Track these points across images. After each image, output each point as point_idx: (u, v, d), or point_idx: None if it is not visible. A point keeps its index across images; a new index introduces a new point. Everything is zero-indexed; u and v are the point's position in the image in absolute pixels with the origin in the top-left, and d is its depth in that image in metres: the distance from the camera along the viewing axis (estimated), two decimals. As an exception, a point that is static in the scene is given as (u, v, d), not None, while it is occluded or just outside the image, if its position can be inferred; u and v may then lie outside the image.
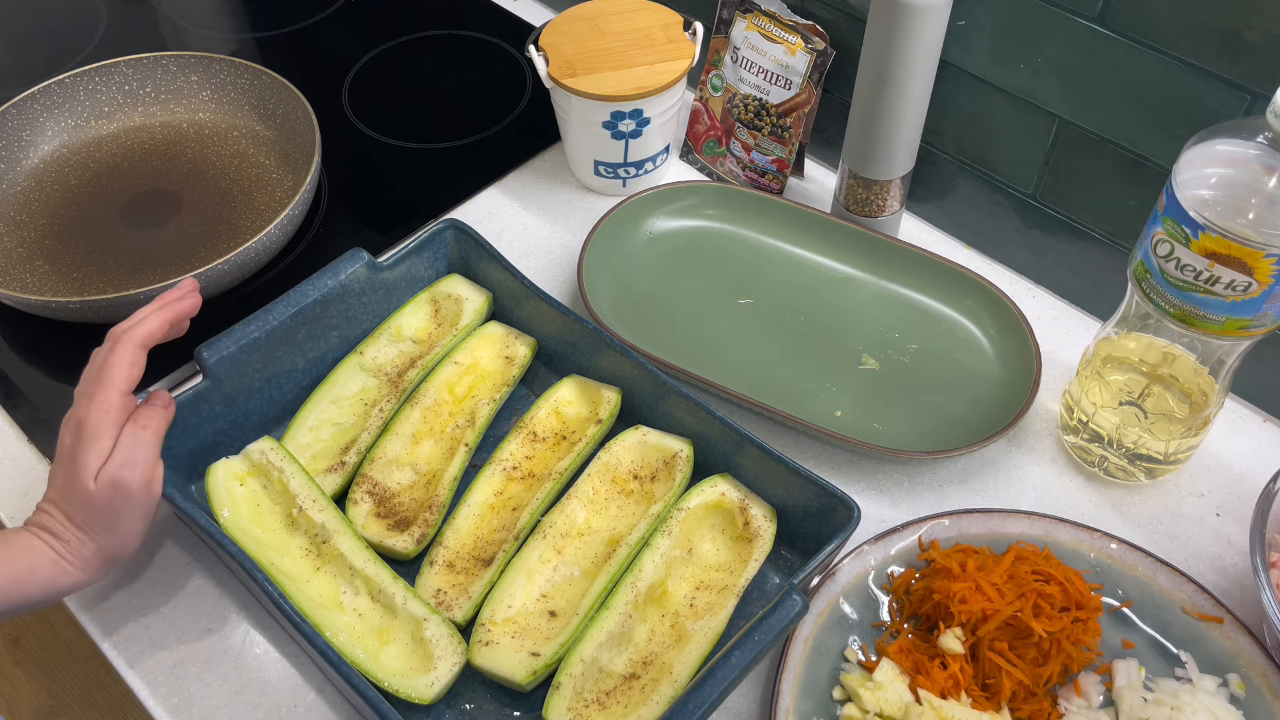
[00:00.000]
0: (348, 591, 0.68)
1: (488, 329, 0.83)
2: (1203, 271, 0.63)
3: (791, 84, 0.90)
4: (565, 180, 0.99)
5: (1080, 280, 0.87)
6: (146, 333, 0.66)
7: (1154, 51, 0.72)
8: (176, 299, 0.69)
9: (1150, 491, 0.78)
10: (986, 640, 0.66)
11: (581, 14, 0.95)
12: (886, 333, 0.86)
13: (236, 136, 1.00)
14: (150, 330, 0.67)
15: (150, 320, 0.67)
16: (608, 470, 0.75)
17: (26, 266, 0.90)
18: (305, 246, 0.93)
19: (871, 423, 0.80)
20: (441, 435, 0.78)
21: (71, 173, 0.97)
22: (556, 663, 0.66)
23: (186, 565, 0.74)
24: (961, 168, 0.89)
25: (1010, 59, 0.80)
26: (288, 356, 0.78)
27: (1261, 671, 0.66)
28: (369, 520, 0.73)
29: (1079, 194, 0.83)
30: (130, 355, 0.65)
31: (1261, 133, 0.61)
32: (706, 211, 0.93)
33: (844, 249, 0.90)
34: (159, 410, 0.67)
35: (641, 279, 0.89)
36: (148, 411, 0.67)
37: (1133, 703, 0.65)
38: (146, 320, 0.67)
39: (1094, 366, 0.77)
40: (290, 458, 0.73)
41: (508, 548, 0.71)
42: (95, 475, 0.63)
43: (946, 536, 0.73)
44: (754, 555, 0.71)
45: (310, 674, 0.69)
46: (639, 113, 0.90)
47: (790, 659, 0.67)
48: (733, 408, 0.81)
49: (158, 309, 0.68)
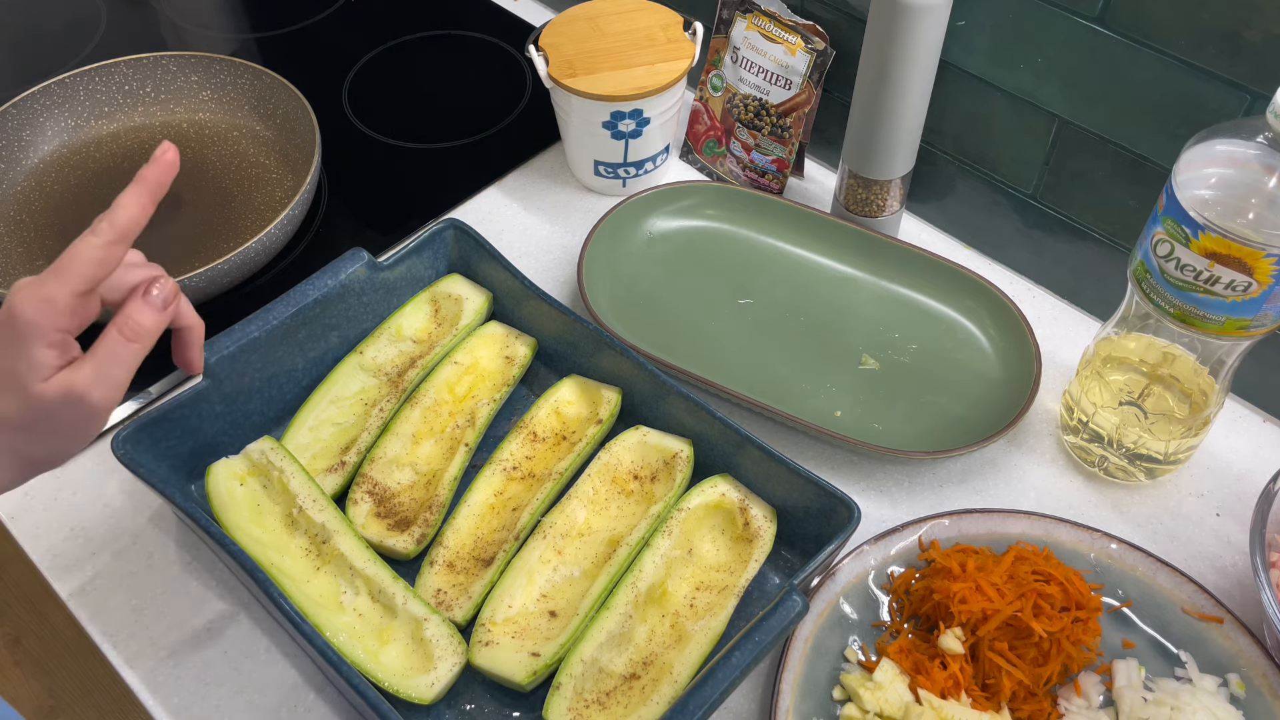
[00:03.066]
0: (348, 591, 0.68)
1: (488, 329, 0.83)
2: (1203, 271, 0.63)
3: (791, 84, 0.90)
4: (565, 180, 1.00)
5: (1080, 280, 0.88)
6: (125, 221, 0.53)
7: (1154, 51, 0.72)
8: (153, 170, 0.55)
9: (1150, 491, 0.78)
10: (986, 640, 0.66)
11: (581, 14, 0.95)
12: (886, 333, 0.86)
13: (236, 136, 1.00)
14: (129, 217, 0.53)
15: (126, 204, 0.53)
16: (608, 470, 0.75)
17: (26, 266, 0.90)
18: (305, 246, 0.93)
19: (871, 423, 0.80)
20: (441, 435, 0.78)
21: (71, 173, 0.97)
22: (556, 663, 0.66)
23: (186, 565, 0.74)
24: (961, 168, 0.89)
25: (1010, 59, 0.80)
26: (288, 356, 0.78)
27: (1261, 671, 0.66)
28: (369, 520, 0.73)
29: (1079, 194, 0.83)
30: (99, 250, 0.52)
31: (1261, 133, 0.61)
32: (706, 211, 0.93)
33: (844, 249, 0.90)
34: (154, 315, 0.54)
35: (641, 279, 0.89)
36: (141, 316, 0.54)
37: (1133, 703, 0.65)
38: (122, 205, 0.53)
39: (1094, 366, 0.77)
40: (290, 457, 0.73)
41: (508, 548, 0.71)
42: (44, 379, 0.51)
43: (946, 536, 0.73)
44: (754, 555, 0.71)
45: (310, 674, 0.69)
46: (639, 113, 0.90)
47: (790, 659, 0.67)
48: (733, 408, 0.81)
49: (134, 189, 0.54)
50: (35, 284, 0.51)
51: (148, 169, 0.55)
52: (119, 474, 0.78)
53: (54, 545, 0.75)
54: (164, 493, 0.66)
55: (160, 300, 0.55)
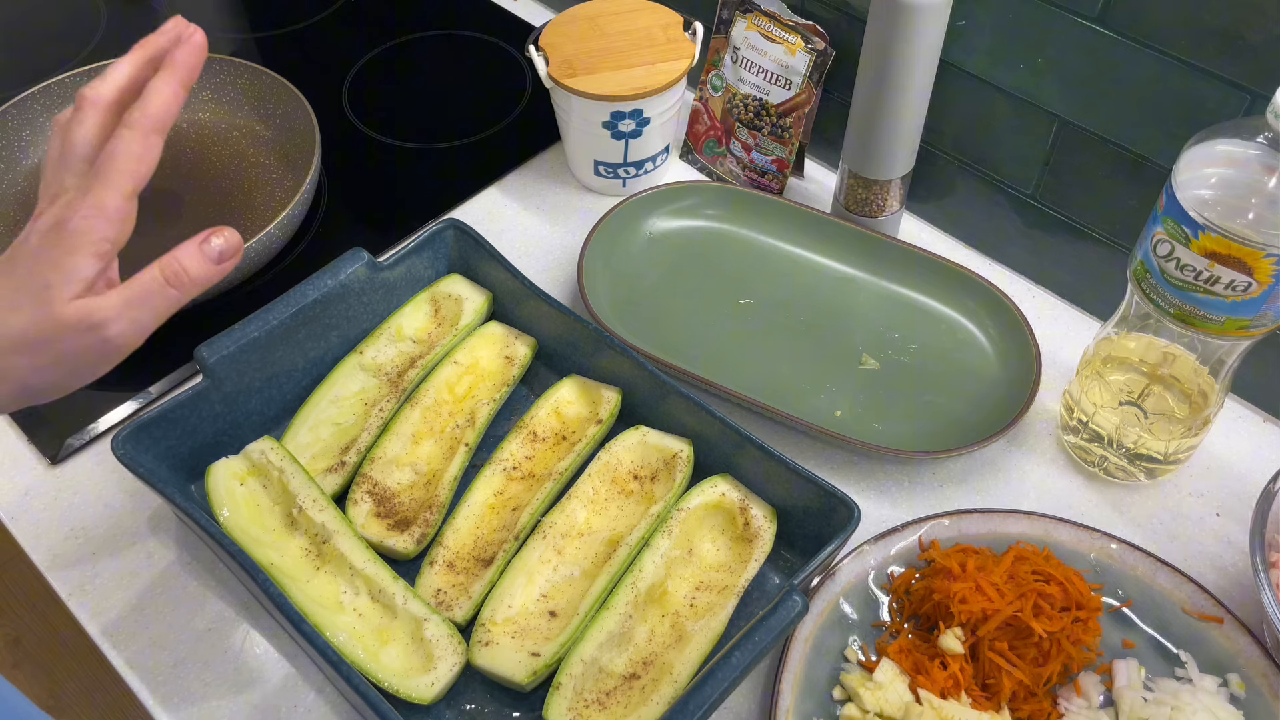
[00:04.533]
0: (348, 591, 0.68)
1: (488, 329, 0.83)
2: (1203, 271, 0.63)
3: (791, 84, 0.90)
4: (565, 180, 0.99)
5: (1080, 280, 0.88)
6: (160, 109, 0.49)
7: (1154, 51, 0.72)
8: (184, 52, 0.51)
9: (1150, 491, 0.78)
10: (986, 640, 0.66)
11: (581, 14, 0.95)
12: (886, 333, 0.86)
13: (236, 136, 1.00)
14: (163, 104, 0.49)
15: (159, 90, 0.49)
16: (608, 470, 0.75)
17: (26, 266, 0.90)
18: (305, 246, 0.93)
19: (871, 423, 0.80)
20: (441, 435, 0.78)
21: (71, 173, 0.97)
22: (556, 663, 0.66)
23: (187, 565, 0.74)
24: (961, 168, 0.89)
25: (1010, 59, 0.80)
26: (288, 356, 0.78)
27: (1261, 671, 0.66)
28: (369, 520, 0.73)
29: (1079, 194, 0.83)
30: (138, 144, 0.48)
31: (1261, 133, 0.61)
32: (706, 211, 0.93)
33: (844, 249, 0.90)
34: (204, 266, 0.50)
35: (641, 279, 0.89)
36: (190, 263, 0.50)
37: (1133, 703, 0.65)
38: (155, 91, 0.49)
39: (1094, 366, 0.77)
40: (290, 457, 0.73)
41: (508, 548, 0.71)
42: (71, 297, 0.47)
43: (946, 536, 0.73)
44: (754, 555, 0.71)
45: (310, 674, 0.69)
46: (639, 113, 0.90)
47: (790, 659, 0.67)
48: (733, 408, 0.81)
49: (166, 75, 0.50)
50: (80, 192, 0.48)
51: (179, 51, 0.50)
52: (119, 474, 0.78)
53: (54, 545, 0.75)
54: (164, 493, 0.66)
55: (216, 252, 0.51)
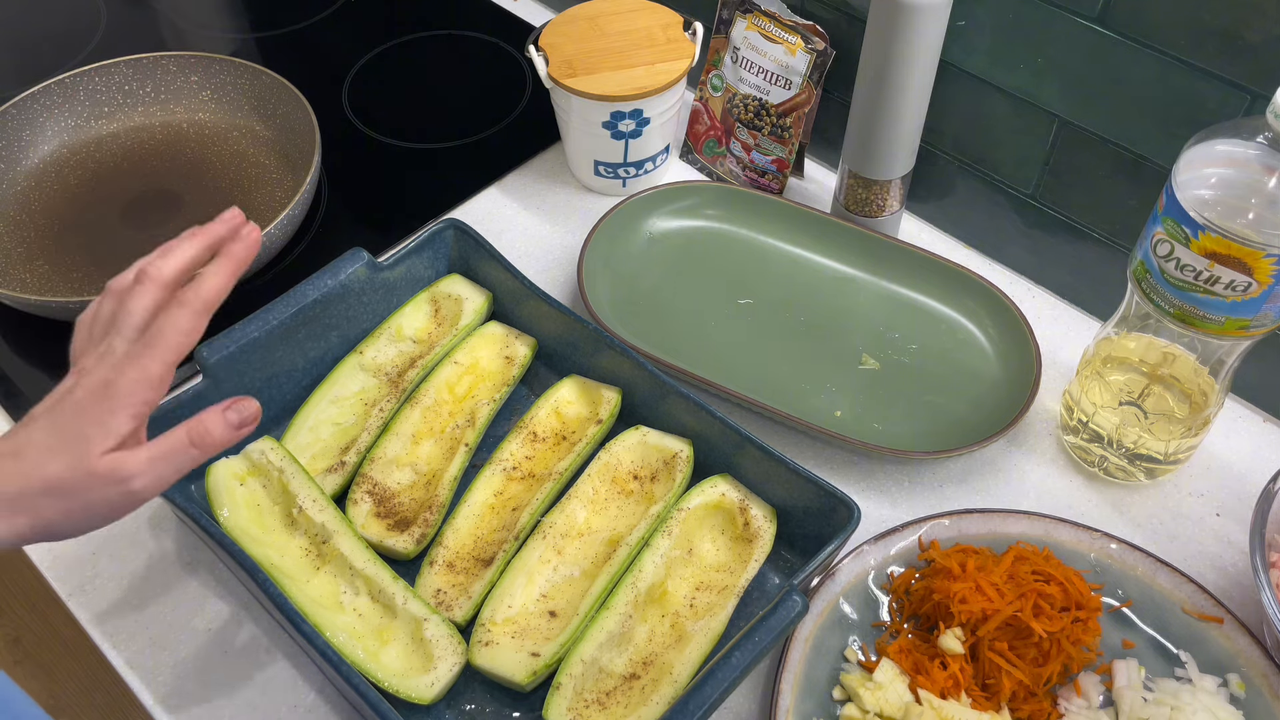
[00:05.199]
0: (348, 591, 0.68)
1: (488, 329, 0.83)
2: (1203, 271, 0.63)
3: (791, 84, 0.90)
4: (565, 180, 0.99)
5: (1080, 280, 0.87)
6: (210, 294, 0.54)
7: (1154, 51, 0.72)
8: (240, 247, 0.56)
9: (1150, 491, 0.78)
10: (986, 640, 0.66)
11: (581, 14, 0.95)
12: (886, 333, 0.86)
13: (236, 136, 1.00)
14: (215, 290, 0.54)
15: (215, 277, 0.55)
16: (608, 470, 0.75)
17: (26, 266, 0.90)
18: (305, 246, 0.93)
19: (871, 423, 0.80)
20: (441, 435, 0.78)
21: (71, 173, 0.97)
22: (556, 663, 0.66)
23: (186, 565, 0.74)
24: (961, 168, 0.89)
25: (1010, 59, 0.80)
26: (288, 356, 0.78)
27: (1261, 671, 0.66)
28: (369, 520, 0.73)
29: (1079, 194, 0.83)
30: (188, 321, 0.53)
31: (1261, 133, 0.61)
32: (706, 211, 0.93)
33: (844, 249, 0.90)
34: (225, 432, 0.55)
35: (641, 279, 0.89)
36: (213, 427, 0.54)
37: (1133, 703, 0.65)
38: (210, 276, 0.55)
39: (1094, 366, 0.77)
40: (290, 457, 0.73)
41: (508, 548, 0.71)
42: (105, 451, 0.51)
43: (946, 536, 0.73)
44: (754, 555, 0.71)
45: (310, 674, 0.69)
46: (639, 113, 0.90)
47: (790, 659, 0.67)
48: (733, 408, 0.81)
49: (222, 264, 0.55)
50: (130, 357, 0.53)
51: (236, 245, 0.57)
52: (119, 474, 0.78)
53: (54, 545, 0.75)
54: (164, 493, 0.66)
55: (237, 419, 0.55)
